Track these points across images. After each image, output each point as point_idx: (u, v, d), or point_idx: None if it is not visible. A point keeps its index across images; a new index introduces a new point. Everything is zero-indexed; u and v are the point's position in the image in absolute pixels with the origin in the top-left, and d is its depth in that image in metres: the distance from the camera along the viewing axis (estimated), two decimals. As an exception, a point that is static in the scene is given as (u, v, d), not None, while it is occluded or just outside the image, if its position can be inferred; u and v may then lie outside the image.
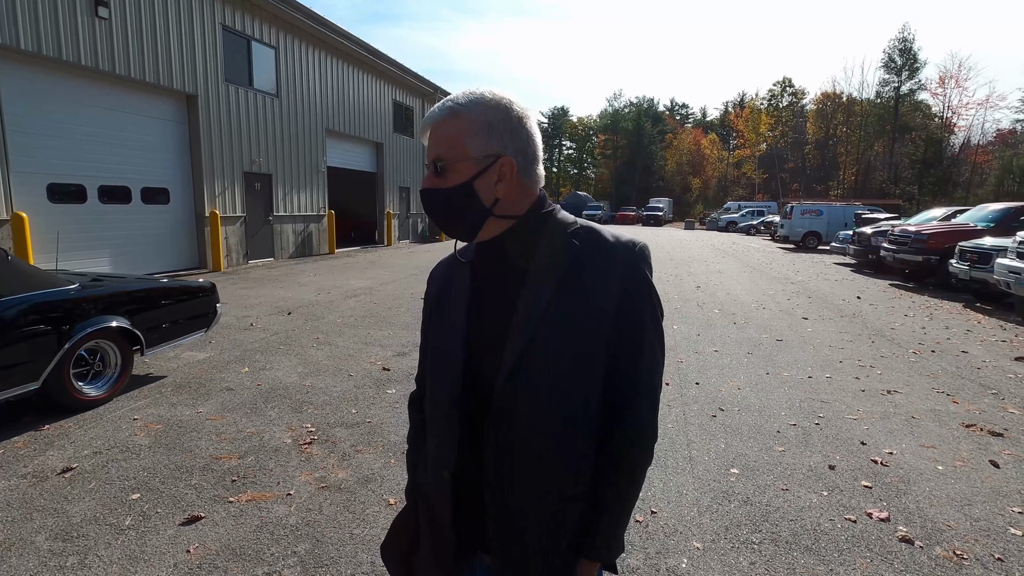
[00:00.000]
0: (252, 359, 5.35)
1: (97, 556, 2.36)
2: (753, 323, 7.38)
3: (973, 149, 44.85)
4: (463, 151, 0.92)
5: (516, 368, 0.91)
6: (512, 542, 0.95)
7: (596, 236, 0.97)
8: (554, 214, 1.00)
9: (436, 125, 0.94)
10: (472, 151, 0.92)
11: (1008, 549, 2.50)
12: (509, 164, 0.94)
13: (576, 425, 0.94)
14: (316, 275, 11.59)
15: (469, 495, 0.97)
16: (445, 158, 0.93)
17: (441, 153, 0.93)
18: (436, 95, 23.69)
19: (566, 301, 0.92)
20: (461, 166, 0.93)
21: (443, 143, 0.93)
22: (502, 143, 0.93)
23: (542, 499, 0.94)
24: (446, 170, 0.93)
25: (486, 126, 0.92)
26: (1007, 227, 10.15)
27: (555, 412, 0.93)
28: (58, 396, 3.82)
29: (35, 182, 8.85)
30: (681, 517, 2.74)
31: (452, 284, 1.05)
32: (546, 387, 0.92)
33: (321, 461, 3.28)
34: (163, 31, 10.86)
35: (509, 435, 0.93)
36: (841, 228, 19.02)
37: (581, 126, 74.57)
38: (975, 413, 4.19)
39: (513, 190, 0.96)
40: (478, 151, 0.92)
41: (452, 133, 0.92)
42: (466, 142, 0.92)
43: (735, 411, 4.18)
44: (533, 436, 0.93)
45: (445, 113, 0.93)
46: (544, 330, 0.91)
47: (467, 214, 0.95)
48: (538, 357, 0.91)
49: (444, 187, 0.94)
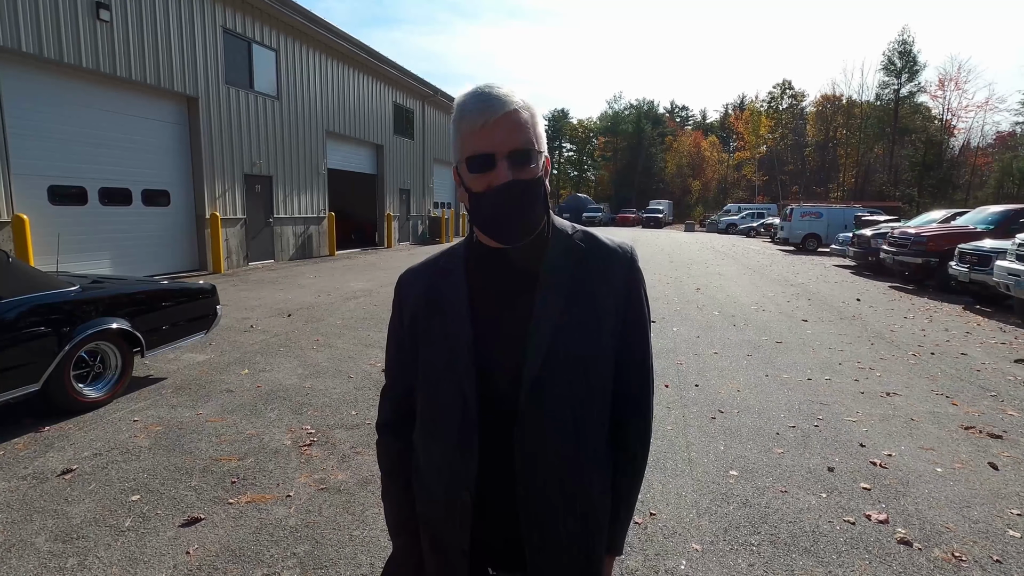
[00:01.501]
0: (252, 361, 5.35)
1: (97, 557, 2.37)
2: (753, 325, 7.38)
3: (973, 151, 44.90)
4: (540, 143, 0.91)
5: (540, 376, 0.90)
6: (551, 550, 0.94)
7: (595, 240, 0.99)
8: (553, 220, 1.01)
9: (512, 114, 0.88)
10: (540, 146, 0.92)
11: (1007, 551, 2.50)
12: (548, 163, 0.96)
13: (596, 425, 0.96)
14: (316, 277, 11.59)
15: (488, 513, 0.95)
16: (531, 148, 0.89)
17: (525, 142, 0.88)
18: (436, 97, 23.73)
19: (577, 305, 0.93)
20: (541, 159, 0.92)
21: (524, 132, 0.88)
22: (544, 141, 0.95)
23: (576, 501, 0.94)
24: (530, 161, 0.89)
25: (540, 121, 0.93)
26: (1007, 229, 10.17)
27: (578, 415, 0.93)
28: (58, 398, 3.83)
29: (36, 184, 8.87)
30: (680, 519, 2.74)
31: (443, 290, 0.98)
32: (569, 392, 0.92)
33: (321, 463, 3.28)
34: (164, 33, 10.89)
35: (536, 444, 0.91)
36: (841, 230, 19.06)
37: (581, 128, 74.67)
38: (974, 415, 4.20)
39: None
40: (542, 146, 0.93)
41: (529, 124, 0.89)
42: (539, 135, 0.91)
43: (734, 413, 4.18)
44: (559, 442, 0.92)
45: (513, 104, 0.88)
46: (562, 336, 0.91)
47: (540, 209, 0.92)
48: (559, 363, 0.91)
49: (528, 178, 0.89)
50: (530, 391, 0.90)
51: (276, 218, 14.53)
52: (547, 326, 0.90)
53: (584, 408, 0.94)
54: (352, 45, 17.30)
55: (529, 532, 0.93)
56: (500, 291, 0.96)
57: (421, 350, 1.00)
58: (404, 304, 1.03)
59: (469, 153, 0.88)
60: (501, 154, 0.87)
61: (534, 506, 0.92)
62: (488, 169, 0.87)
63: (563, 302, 0.92)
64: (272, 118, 14.24)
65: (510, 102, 0.88)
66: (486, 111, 0.87)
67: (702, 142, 67.41)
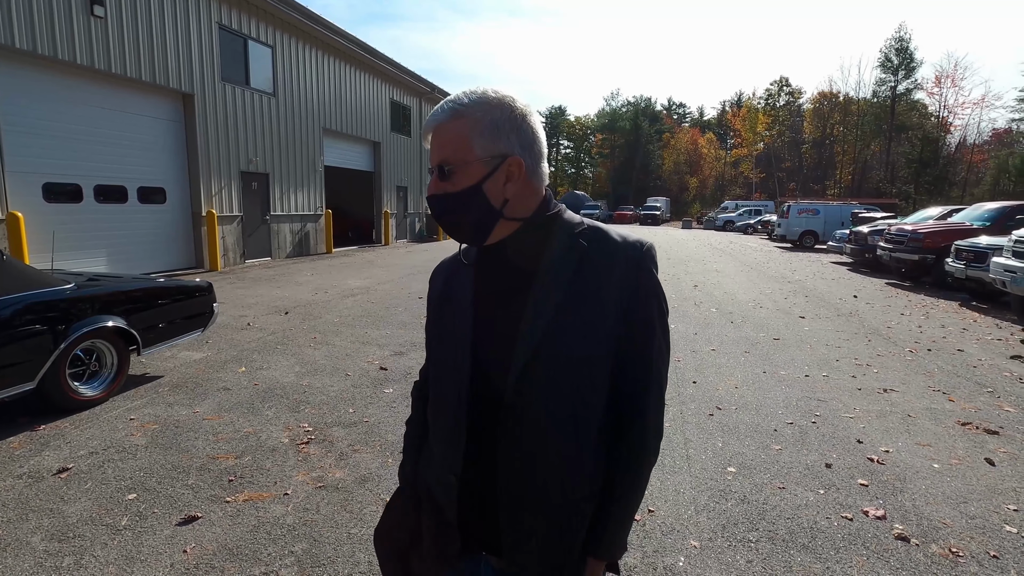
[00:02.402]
0: (249, 359, 5.33)
1: (93, 556, 2.36)
2: (750, 322, 7.39)
3: (969, 148, 45.00)
4: (470, 153, 0.90)
5: (525, 373, 0.90)
6: (524, 542, 0.95)
7: (604, 237, 0.96)
8: (561, 215, 0.99)
9: (440, 127, 0.91)
10: (479, 152, 0.90)
11: (1003, 546, 2.51)
12: (517, 163, 0.93)
13: (585, 425, 0.94)
14: (313, 274, 11.57)
15: (474, 497, 0.97)
16: (452, 161, 0.90)
17: (447, 156, 0.90)
18: (434, 94, 23.67)
19: (575, 304, 0.92)
20: (470, 168, 0.91)
21: (448, 146, 0.90)
22: (508, 142, 0.92)
23: (553, 499, 0.94)
24: (453, 173, 0.91)
25: (492, 125, 0.90)
26: (1003, 226, 10.19)
27: (565, 414, 0.92)
28: (54, 396, 3.81)
29: (31, 182, 8.82)
30: (678, 516, 2.75)
31: (454, 287, 1.03)
32: (556, 390, 0.92)
33: (318, 461, 3.27)
34: (159, 30, 10.82)
35: (519, 438, 0.93)
36: (838, 227, 19.09)
37: (579, 125, 74.60)
38: (971, 411, 4.21)
39: (522, 190, 0.95)
40: (485, 152, 0.90)
41: (457, 135, 0.90)
42: (473, 143, 0.90)
43: (732, 410, 4.18)
44: (543, 438, 0.93)
45: (448, 114, 0.91)
46: (553, 334, 0.91)
47: (477, 218, 0.93)
48: (547, 361, 0.91)
49: (452, 191, 0.92)
50: (515, 389, 0.91)
51: (273, 215, 14.48)
52: (538, 325, 0.90)
53: (573, 407, 0.93)
54: (349, 42, 17.24)
55: (506, 524, 0.95)
56: (500, 288, 0.98)
57: (433, 336, 1.08)
58: (432, 295, 1.10)
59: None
60: (433, 165, 0.94)
61: (512, 499, 0.94)
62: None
63: (559, 300, 0.91)
64: (268, 115, 14.19)
65: (448, 111, 0.91)
66: (428, 122, 0.94)
67: (699, 139, 67.39)
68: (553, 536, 0.95)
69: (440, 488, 1.02)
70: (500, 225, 0.95)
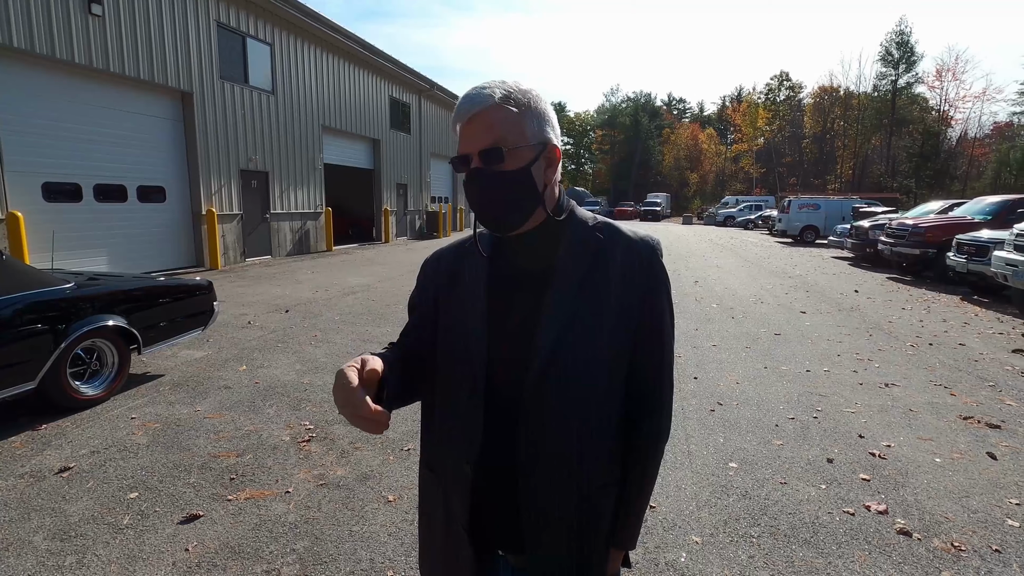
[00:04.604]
0: (250, 357, 5.33)
1: (95, 555, 2.36)
2: (751, 317, 7.38)
3: (970, 142, 44.91)
4: (522, 137, 0.92)
5: (547, 366, 0.91)
6: (544, 535, 0.96)
7: (617, 232, 0.99)
8: (575, 211, 1.02)
9: (488, 112, 0.91)
10: (530, 136, 0.93)
11: (1006, 540, 2.51)
12: (556, 151, 0.97)
13: (604, 418, 0.96)
14: (314, 272, 11.56)
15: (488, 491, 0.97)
16: (508, 143, 0.91)
17: (500, 137, 0.91)
18: (433, 91, 23.61)
19: (593, 298, 0.94)
20: (522, 152, 0.92)
21: (499, 128, 0.91)
22: (549, 130, 0.96)
23: (576, 491, 0.95)
24: (507, 155, 0.91)
25: (538, 112, 0.94)
26: (1004, 220, 10.16)
27: (585, 407, 0.94)
28: (55, 395, 3.81)
29: (30, 181, 8.80)
30: (680, 511, 2.74)
31: (464, 274, 1.02)
32: (576, 383, 0.93)
33: (320, 459, 3.27)
34: (157, 28, 10.79)
35: (539, 430, 0.93)
36: (839, 222, 19.04)
37: (578, 121, 74.47)
38: (972, 405, 4.20)
39: (554, 179, 0.98)
40: (534, 137, 0.93)
41: (507, 118, 0.91)
42: (525, 127, 0.92)
43: (733, 405, 4.18)
44: (563, 430, 0.94)
45: (497, 99, 0.91)
46: (574, 327, 0.92)
47: (523, 198, 0.94)
48: (568, 354, 0.92)
49: (507, 168, 0.92)
50: (535, 385, 0.92)
51: (273, 214, 14.47)
52: (555, 322, 0.92)
53: (588, 405, 0.94)
54: (347, 39, 17.18)
55: (528, 520, 0.95)
56: (514, 280, 0.99)
57: (442, 320, 1.04)
58: (427, 279, 1.10)
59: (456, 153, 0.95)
60: (474, 154, 0.92)
61: (533, 495, 0.94)
62: (465, 168, 0.94)
63: (574, 297, 0.93)
64: (267, 113, 14.15)
65: (486, 101, 0.90)
66: (463, 112, 0.92)
67: (699, 135, 67.32)
68: (579, 527, 0.96)
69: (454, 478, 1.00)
70: (536, 212, 0.96)
